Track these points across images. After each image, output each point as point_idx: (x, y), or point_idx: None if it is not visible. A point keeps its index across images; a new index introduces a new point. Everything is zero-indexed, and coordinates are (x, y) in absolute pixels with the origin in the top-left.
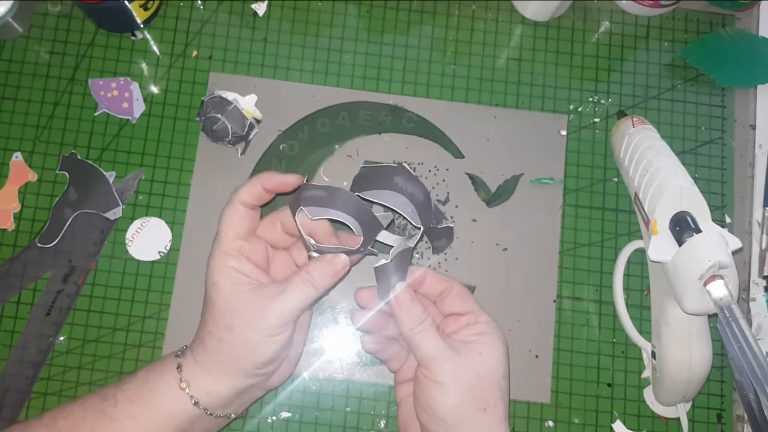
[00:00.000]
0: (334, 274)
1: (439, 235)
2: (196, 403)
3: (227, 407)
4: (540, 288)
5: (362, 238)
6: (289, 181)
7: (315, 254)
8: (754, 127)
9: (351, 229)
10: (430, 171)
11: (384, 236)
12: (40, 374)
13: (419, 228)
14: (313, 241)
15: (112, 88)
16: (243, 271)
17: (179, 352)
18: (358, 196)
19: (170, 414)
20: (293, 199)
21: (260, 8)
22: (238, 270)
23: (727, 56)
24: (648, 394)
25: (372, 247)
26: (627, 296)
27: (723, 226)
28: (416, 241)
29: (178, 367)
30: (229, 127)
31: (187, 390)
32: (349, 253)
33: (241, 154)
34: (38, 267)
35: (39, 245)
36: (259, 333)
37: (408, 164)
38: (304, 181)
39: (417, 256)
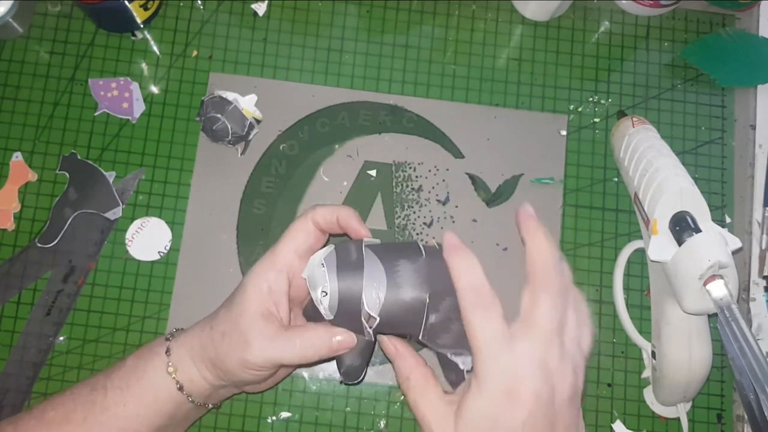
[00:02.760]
0: (333, 350)
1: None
2: (180, 388)
3: (206, 398)
4: None
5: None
6: (359, 231)
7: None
8: (754, 127)
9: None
10: (430, 171)
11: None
12: (40, 374)
13: (374, 317)
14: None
15: (112, 88)
16: (273, 289)
17: (169, 335)
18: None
19: (157, 398)
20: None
21: (260, 8)
22: (269, 285)
23: (727, 56)
24: (648, 394)
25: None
26: (627, 296)
27: (723, 226)
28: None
29: (167, 351)
30: (229, 127)
31: (173, 375)
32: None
33: (241, 154)
34: (38, 267)
35: (39, 245)
36: (238, 361)
37: (408, 164)
38: (368, 237)
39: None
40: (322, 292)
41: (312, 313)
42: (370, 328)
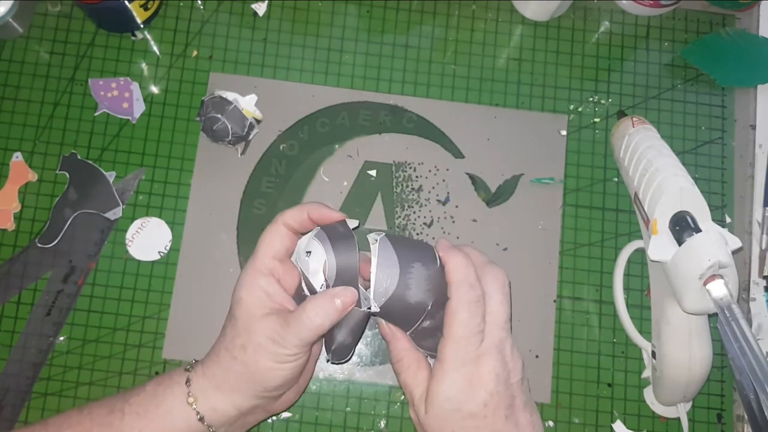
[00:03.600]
0: (338, 311)
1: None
2: (201, 419)
3: (229, 426)
4: (540, 288)
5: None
6: (333, 216)
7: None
8: (754, 127)
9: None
10: (430, 171)
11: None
12: (40, 374)
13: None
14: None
15: (112, 88)
16: (269, 292)
17: (188, 366)
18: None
19: (175, 428)
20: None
21: (260, 8)
22: (264, 290)
23: (727, 56)
24: (648, 394)
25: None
26: (627, 296)
27: (723, 226)
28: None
29: (187, 381)
30: (229, 127)
31: (194, 405)
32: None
33: (241, 154)
34: (38, 267)
35: (39, 245)
36: (272, 358)
37: (408, 164)
38: (346, 219)
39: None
40: (314, 268)
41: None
42: (369, 306)
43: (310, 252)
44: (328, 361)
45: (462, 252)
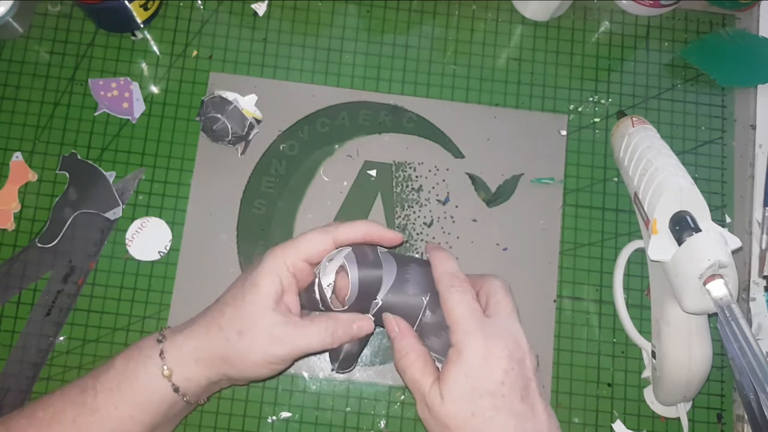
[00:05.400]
0: (352, 336)
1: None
2: (176, 390)
3: (199, 396)
4: (540, 288)
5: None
6: (391, 236)
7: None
8: (754, 127)
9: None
10: (430, 171)
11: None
12: (40, 374)
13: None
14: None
15: (112, 88)
16: (286, 289)
17: (160, 337)
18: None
19: (151, 400)
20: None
21: (260, 8)
22: (283, 285)
23: (727, 56)
24: (648, 394)
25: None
26: (627, 296)
27: (723, 226)
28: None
29: (161, 353)
30: (229, 127)
31: (170, 378)
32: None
33: (241, 154)
34: (38, 267)
35: (39, 245)
36: (264, 356)
37: (408, 164)
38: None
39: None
40: (330, 287)
41: (307, 304)
42: (373, 310)
43: (332, 260)
44: (332, 370)
45: (444, 250)
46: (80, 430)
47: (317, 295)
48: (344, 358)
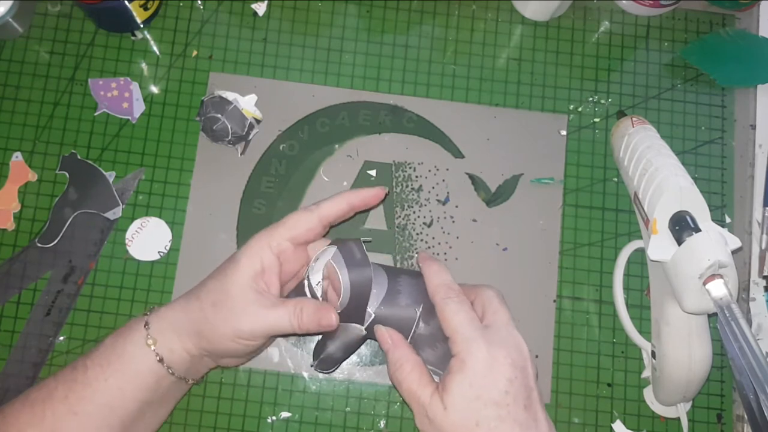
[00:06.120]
0: (319, 327)
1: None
2: (160, 360)
3: (186, 371)
4: (540, 288)
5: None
6: (373, 193)
7: (307, 291)
8: (754, 127)
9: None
10: (430, 171)
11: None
12: (40, 374)
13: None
14: (318, 295)
15: (112, 88)
16: (267, 269)
17: (148, 311)
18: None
19: (138, 372)
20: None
21: (260, 8)
22: (263, 265)
23: (727, 56)
24: (648, 394)
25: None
26: (627, 296)
27: (723, 226)
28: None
29: (146, 324)
30: (229, 127)
31: (153, 347)
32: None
33: (241, 154)
34: (38, 267)
35: (39, 245)
36: (232, 330)
37: (408, 164)
38: (386, 192)
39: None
40: (320, 285)
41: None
42: (366, 323)
43: (318, 259)
44: (311, 366)
45: (437, 261)
46: (72, 406)
47: (308, 294)
48: (324, 358)
